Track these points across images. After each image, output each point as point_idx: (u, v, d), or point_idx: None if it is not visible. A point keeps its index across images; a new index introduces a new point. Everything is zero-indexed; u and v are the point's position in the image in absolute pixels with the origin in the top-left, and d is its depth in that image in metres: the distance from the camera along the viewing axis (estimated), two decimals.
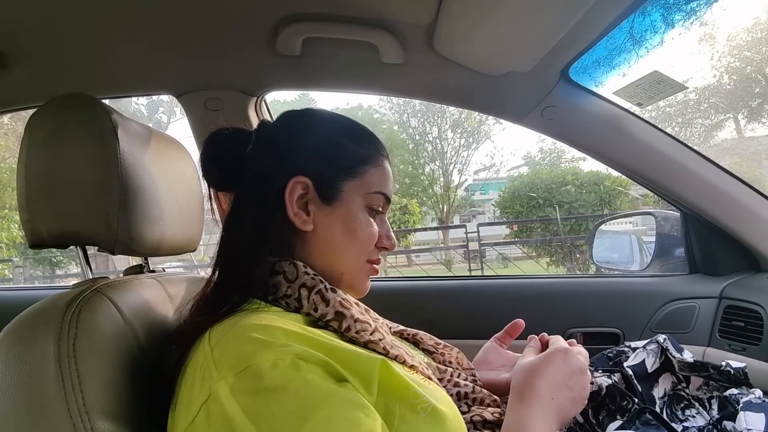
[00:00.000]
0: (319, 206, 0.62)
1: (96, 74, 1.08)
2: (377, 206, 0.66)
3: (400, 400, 0.50)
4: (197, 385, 0.47)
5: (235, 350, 0.47)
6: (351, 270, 0.64)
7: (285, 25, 0.90)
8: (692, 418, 0.83)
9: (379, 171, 0.66)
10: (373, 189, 0.65)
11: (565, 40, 0.87)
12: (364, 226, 0.64)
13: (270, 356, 0.46)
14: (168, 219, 0.72)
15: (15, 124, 10.22)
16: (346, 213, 0.63)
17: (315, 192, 0.62)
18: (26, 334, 0.52)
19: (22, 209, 0.62)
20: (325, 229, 0.62)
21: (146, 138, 0.71)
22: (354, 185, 0.64)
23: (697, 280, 1.28)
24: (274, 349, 0.46)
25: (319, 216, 0.62)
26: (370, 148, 0.66)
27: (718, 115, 15.03)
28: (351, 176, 0.64)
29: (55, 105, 0.63)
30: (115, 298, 0.58)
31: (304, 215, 0.61)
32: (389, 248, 0.68)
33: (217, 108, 1.15)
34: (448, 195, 15.09)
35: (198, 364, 0.49)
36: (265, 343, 0.47)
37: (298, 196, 0.61)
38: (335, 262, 0.63)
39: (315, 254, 0.62)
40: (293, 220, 0.61)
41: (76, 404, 0.48)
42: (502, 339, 0.84)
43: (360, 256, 0.65)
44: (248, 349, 0.46)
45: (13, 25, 0.87)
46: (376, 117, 15.93)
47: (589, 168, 9.33)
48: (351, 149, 0.65)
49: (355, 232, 0.63)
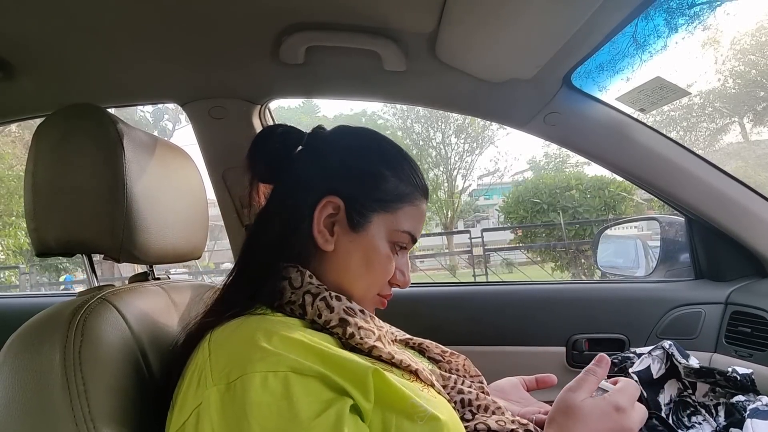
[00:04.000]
0: (345, 230, 0.62)
1: (102, 84, 1.09)
2: (402, 243, 0.65)
3: (396, 410, 0.50)
4: (192, 389, 0.48)
5: (231, 357, 0.48)
6: (359, 298, 0.63)
7: (288, 34, 0.91)
8: (698, 425, 0.82)
9: (413, 211, 0.65)
10: (403, 228, 0.64)
11: (568, 46, 0.87)
12: (383, 260, 0.63)
13: (263, 368, 0.46)
14: (172, 227, 0.73)
15: (22, 132, 10.30)
16: (369, 243, 0.62)
17: (344, 215, 0.62)
18: (32, 342, 0.52)
19: (29, 218, 0.63)
20: (344, 253, 0.62)
21: (151, 147, 0.71)
22: (384, 219, 0.63)
23: (703, 286, 1.27)
24: (268, 360, 0.46)
25: (342, 239, 0.62)
26: (413, 188, 0.65)
27: (723, 119, 14.97)
28: (384, 210, 0.63)
29: (62, 115, 0.64)
30: (120, 306, 0.59)
31: (327, 235, 0.61)
32: (401, 286, 0.68)
33: (222, 116, 1.16)
34: (452, 200, 15.06)
35: (196, 367, 0.49)
36: (262, 351, 0.47)
37: (327, 214, 0.61)
38: (346, 286, 0.63)
39: (328, 273, 0.62)
40: (316, 237, 0.61)
41: (82, 412, 0.49)
42: (528, 382, 0.81)
43: (371, 288, 0.65)
44: (243, 357, 0.47)
45: (20, 36, 0.88)
46: (380, 123, 15.96)
47: (594, 173, 9.30)
48: (392, 183, 0.63)
49: (373, 264, 0.62)
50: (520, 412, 0.73)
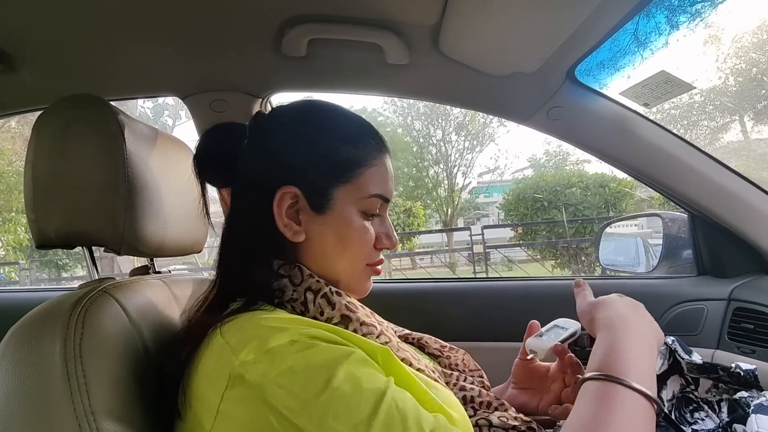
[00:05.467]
0: (310, 216, 0.60)
1: (102, 76, 1.08)
2: (373, 210, 0.62)
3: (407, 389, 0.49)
4: (214, 377, 0.47)
5: (252, 336, 0.48)
6: (348, 277, 0.63)
7: (290, 26, 0.90)
8: (701, 421, 0.82)
9: (375, 172, 0.62)
10: (368, 193, 0.61)
11: (571, 41, 0.87)
12: (359, 233, 0.61)
13: (286, 337, 0.47)
14: (174, 219, 0.72)
15: (22, 128, 10.29)
16: (338, 221, 0.60)
17: (305, 201, 0.59)
18: (33, 334, 0.52)
19: (29, 209, 0.62)
20: (318, 238, 0.60)
21: (152, 139, 0.71)
22: (346, 190, 0.60)
23: (706, 282, 1.26)
24: (288, 332, 0.48)
25: (311, 225, 0.60)
26: (366, 148, 0.62)
27: (724, 117, 14.95)
28: (342, 182, 0.60)
29: (63, 105, 0.63)
30: (121, 298, 0.58)
31: (295, 226, 0.59)
32: (390, 247, 0.65)
33: (223, 109, 1.16)
34: (452, 198, 15.06)
35: (212, 358, 0.49)
36: (280, 328, 0.48)
37: (287, 205, 0.59)
38: (330, 270, 0.61)
39: (310, 262, 0.61)
40: (283, 232, 0.59)
41: (82, 405, 0.48)
42: (520, 353, 0.81)
43: (356, 263, 0.63)
44: (264, 334, 0.48)
45: (19, 27, 0.88)
46: (380, 119, 15.93)
47: (595, 170, 9.30)
48: (344, 152, 0.60)
49: (348, 240, 0.61)
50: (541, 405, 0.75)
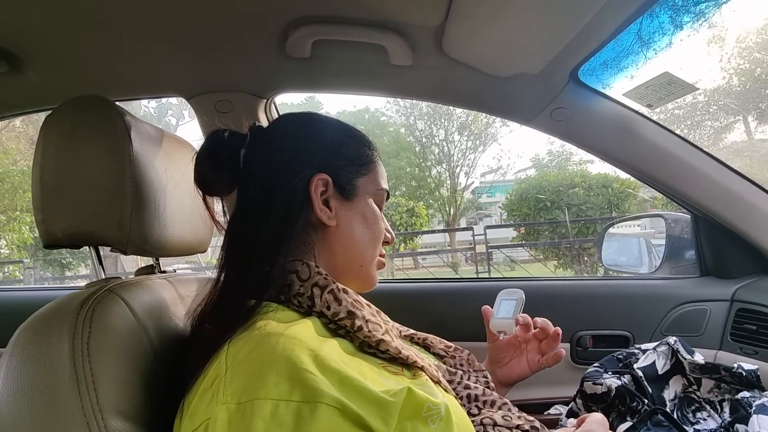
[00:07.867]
0: (340, 202, 0.65)
1: (108, 77, 1.09)
2: (382, 203, 0.70)
3: (414, 417, 0.48)
4: (205, 402, 0.46)
5: (246, 377, 0.45)
6: (369, 262, 0.67)
7: (295, 27, 0.91)
8: (703, 421, 0.82)
9: (380, 169, 0.71)
10: (380, 186, 0.69)
11: (575, 42, 0.87)
12: (378, 220, 0.68)
13: (275, 395, 0.43)
14: (180, 219, 0.73)
15: (26, 128, 10.33)
16: (363, 207, 0.67)
17: (334, 188, 0.64)
18: (41, 333, 0.52)
19: (37, 209, 0.62)
20: (347, 224, 0.65)
21: (158, 139, 0.71)
22: (365, 181, 0.67)
23: (708, 283, 1.27)
24: (281, 388, 0.44)
25: (341, 211, 0.64)
26: (371, 146, 0.70)
27: (728, 118, 14.90)
28: (363, 173, 0.67)
29: (71, 106, 0.64)
30: (128, 297, 0.59)
31: (328, 211, 0.63)
32: (390, 242, 0.72)
33: (228, 110, 1.16)
34: (454, 197, 15.06)
35: (211, 380, 0.47)
36: (277, 375, 0.45)
37: (320, 192, 0.63)
38: (357, 255, 0.66)
39: (336, 249, 0.64)
40: (320, 216, 0.62)
41: (90, 403, 0.49)
42: (489, 337, 0.86)
43: (376, 249, 0.69)
44: (258, 380, 0.44)
45: (26, 29, 0.88)
46: (383, 120, 15.96)
47: (598, 170, 9.28)
48: (358, 148, 0.68)
49: (372, 226, 0.67)
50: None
